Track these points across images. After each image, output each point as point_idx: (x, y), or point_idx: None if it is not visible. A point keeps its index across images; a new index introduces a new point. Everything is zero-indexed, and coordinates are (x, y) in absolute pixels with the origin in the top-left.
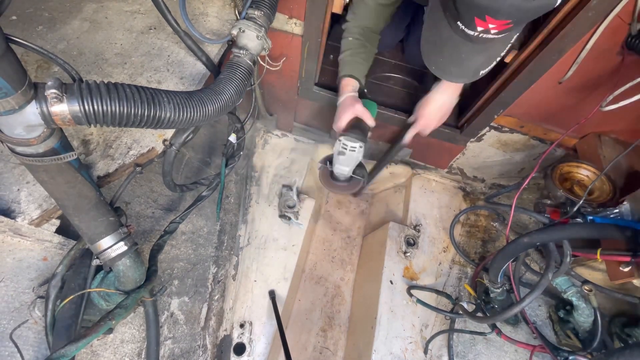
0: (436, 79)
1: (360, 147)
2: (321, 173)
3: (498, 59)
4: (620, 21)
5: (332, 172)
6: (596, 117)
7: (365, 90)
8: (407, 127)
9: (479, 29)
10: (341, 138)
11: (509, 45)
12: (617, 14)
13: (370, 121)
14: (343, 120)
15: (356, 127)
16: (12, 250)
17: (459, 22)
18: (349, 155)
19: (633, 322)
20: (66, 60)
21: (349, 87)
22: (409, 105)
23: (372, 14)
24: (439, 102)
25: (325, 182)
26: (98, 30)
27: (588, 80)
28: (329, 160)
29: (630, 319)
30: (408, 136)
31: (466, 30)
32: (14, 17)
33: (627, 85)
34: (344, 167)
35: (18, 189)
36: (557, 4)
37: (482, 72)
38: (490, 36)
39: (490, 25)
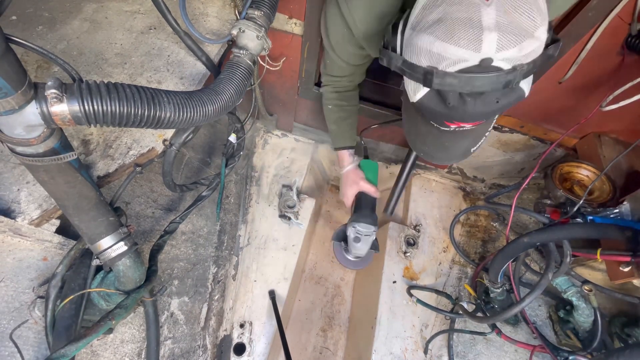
0: None
1: (374, 230)
2: (336, 251)
3: (487, 134)
4: (620, 21)
5: (346, 249)
6: (596, 117)
7: (363, 142)
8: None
9: (452, 126)
10: (355, 225)
11: (494, 121)
12: (617, 14)
13: (375, 194)
14: (349, 196)
15: (364, 204)
16: (12, 250)
17: (432, 122)
18: (365, 239)
19: (633, 322)
20: (66, 60)
21: (347, 159)
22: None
23: (346, 72)
24: None
25: (342, 260)
26: (98, 30)
27: (588, 80)
28: (343, 240)
29: (630, 319)
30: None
31: (440, 127)
32: (14, 17)
33: (627, 85)
34: (361, 251)
35: (18, 189)
36: (526, 95)
37: (473, 150)
38: (467, 129)
39: (462, 125)
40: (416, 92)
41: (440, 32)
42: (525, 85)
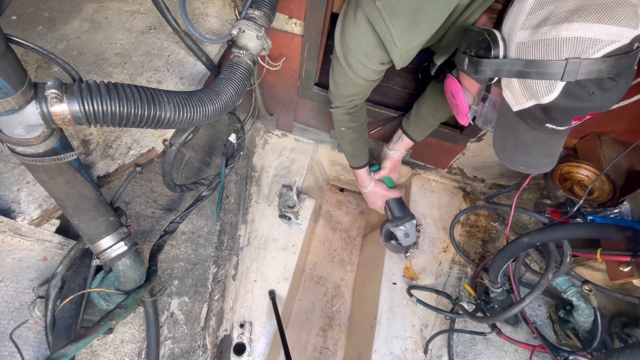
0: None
1: (415, 221)
2: (391, 249)
3: None
4: None
5: (397, 243)
6: (596, 117)
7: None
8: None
9: (574, 122)
10: (402, 227)
11: None
12: None
13: (399, 194)
14: (380, 206)
15: (398, 207)
16: (12, 250)
17: (548, 124)
18: (411, 231)
19: (633, 322)
20: (66, 60)
21: (367, 179)
22: (409, 105)
23: (361, 89)
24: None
25: (399, 251)
26: (98, 30)
27: None
28: (393, 238)
29: (630, 319)
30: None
31: (557, 127)
32: (14, 17)
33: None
34: (412, 240)
35: (18, 189)
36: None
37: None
38: (577, 122)
39: (588, 117)
40: (550, 91)
41: (594, 16)
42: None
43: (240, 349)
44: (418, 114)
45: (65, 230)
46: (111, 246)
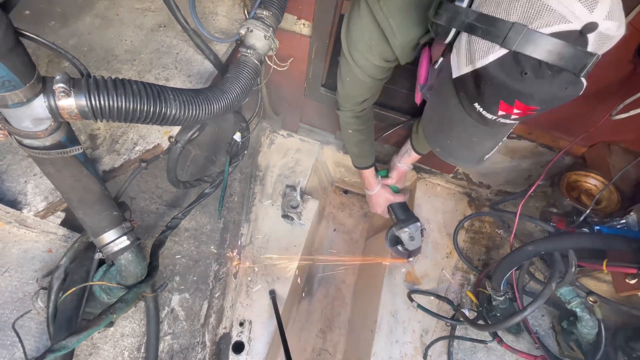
0: None
1: (419, 224)
2: (397, 254)
3: (500, 143)
4: (633, 29)
5: (403, 248)
6: (606, 126)
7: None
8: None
9: (500, 112)
10: (406, 230)
11: (513, 128)
12: (629, 22)
13: (403, 199)
14: (382, 208)
15: (402, 210)
16: (17, 241)
17: (476, 104)
18: (416, 235)
19: (638, 335)
20: (77, 55)
21: (373, 181)
22: (412, 106)
23: (367, 87)
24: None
25: (403, 256)
26: (109, 26)
27: (598, 88)
28: (399, 243)
29: (635, 332)
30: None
31: (484, 112)
32: (27, 12)
33: (638, 94)
34: (418, 244)
35: (25, 181)
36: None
37: (486, 157)
38: (508, 121)
39: (515, 110)
40: (487, 54)
41: None
42: (584, 81)
43: (239, 347)
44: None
45: (70, 222)
46: (114, 240)
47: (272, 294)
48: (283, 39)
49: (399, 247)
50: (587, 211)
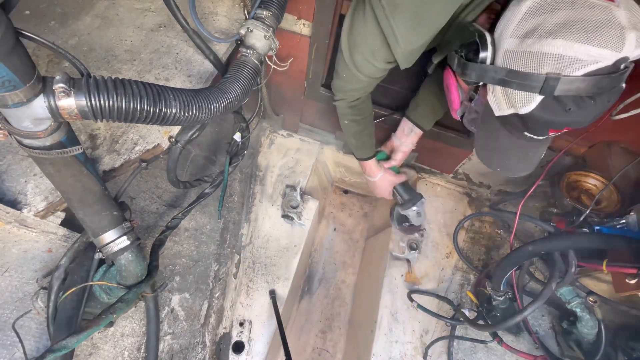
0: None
1: (424, 200)
2: (403, 230)
3: None
4: None
5: (410, 224)
6: (606, 126)
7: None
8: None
9: (552, 134)
10: (413, 208)
11: None
12: None
13: (405, 178)
14: (387, 192)
15: (406, 190)
16: (17, 241)
17: (526, 133)
18: (422, 211)
19: (638, 335)
20: (77, 55)
21: (375, 168)
22: (395, 102)
23: (364, 84)
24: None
25: (409, 232)
26: (109, 26)
27: None
28: (406, 221)
29: (635, 332)
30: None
31: (534, 137)
32: (27, 12)
33: (639, 94)
34: (423, 218)
35: (25, 181)
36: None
37: (542, 155)
38: (557, 134)
39: (565, 130)
40: (527, 103)
41: (577, 35)
42: (623, 85)
43: (239, 347)
44: (425, 99)
45: (70, 222)
46: (114, 240)
47: (272, 294)
48: (283, 39)
49: (405, 225)
50: (587, 211)
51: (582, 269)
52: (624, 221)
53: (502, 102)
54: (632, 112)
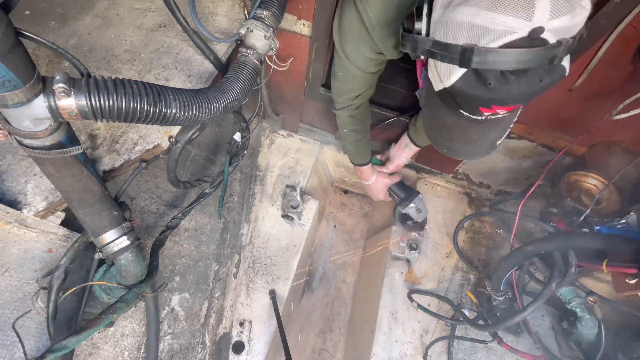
0: None
1: (421, 196)
2: (407, 229)
3: (512, 124)
4: (633, 29)
5: (413, 222)
6: (606, 126)
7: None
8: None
9: (486, 114)
10: (412, 205)
11: (520, 109)
12: (629, 22)
13: (398, 178)
14: (383, 195)
15: (401, 189)
16: (17, 241)
17: (461, 111)
18: (422, 206)
19: (638, 336)
20: (77, 55)
21: (370, 172)
22: (411, 107)
23: (360, 83)
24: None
25: (414, 229)
26: (109, 26)
27: (599, 88)
28: (409, 219)
29: (635, 332)
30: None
31: (471, 116)
32: (27, 12)
33: (639, 94)
34: (425, 214)
35: (25, 181)
36: (567, 73)
37: (499, 143)
38: (500, 116)
39: (499, 110)
40: (450, 75)
41: (485, 2)
42: (566, 62)
43: (239, 347)
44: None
45: (70, 222)
46: (114, 240)
47: (272, 294)
48: (283, 39)
49: (409, 223)
50: (587, 211)
51: (582, 269)
52: (624, 221)
53: (435, 76)
54: (632, 112)
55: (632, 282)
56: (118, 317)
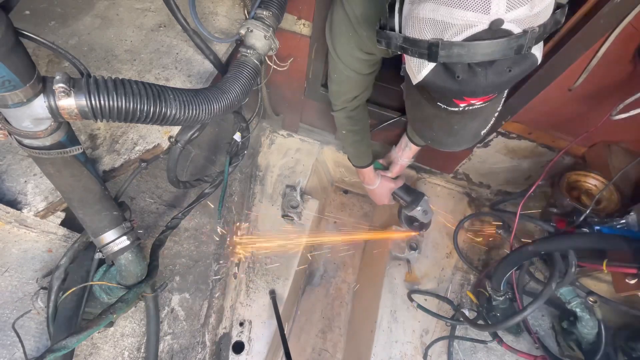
0: None
1: (427, 197)
2: (415, 229)
3: (496, 113)
4: (633, 29)
5: (419, 223)
6: (606, 126)
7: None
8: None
9: (462, 105)
10: (418, 207)
11: (503, 98)
12: (629, 22)
13: (401, 182)
14: (387, 199)
15: (407, 192)
16: (17, 241)
17: (438, 103)
18: (428, 208)
19: (637, 335)
20: (77, 55)
21: (373, 176)
22: (402, 104)
23: (354, 84)
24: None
25: (423, 228)
26: (109, 26)
27: (599, 88)
28: (415, 221)
29: (635, 332)
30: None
31: (448, 108)
32: (27, 12)
33: (639, 94)
34: (431, 215)
35: (25, 181)
36: (539, 61)
37: (483, 132)
38: (477, 107)
39: (472, 101)
40: (421, 69)
41: None
42: (537, 51)
43: (239, 347)
44: None
45: (70, 222)
46: (114, 240)
47: (272, 294)
48: (283, 39)
49: (416, 224)
50: (587, 211)
51: (582, 269)
52: (624, 221)
53: (411, 70)
54: (632, 112)
55: (632, 282)
56: (118, 317)
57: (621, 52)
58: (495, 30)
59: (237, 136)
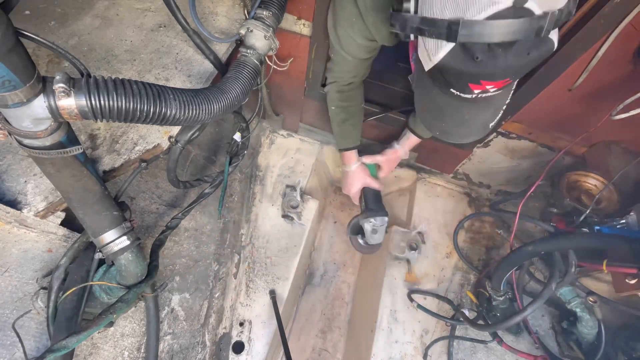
0: None
1: (387, 219)
2: (354, 243)
3: (504, 106)
4: (633, 29)
5: (363, 240)
6: (606, 126)
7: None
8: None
9: (476, 91)
10: (371, 220)
11: (513, 90)
12: (629, 22)
13: (380, 188)
14: (356, 192)
15: (373, 199)
16: (17, 241)
17: (452, 89)
18: (380, 229)
19: (638, 335)
20: (77, 55)
21: (352, 158)
22: (408, 105)
23: (351, 66)
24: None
25: (361, 249)
26: (109, 26)
27: (599, 88)
28: (360, 233)
29: (635, 332)
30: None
31: (462, 95)
32: (27, 12)
33: (639, 94)
34: (379, 239)
35: (25, 181)
36: (555, 48)
37: (492, 125)
38: (490, 94)
39: (488, 87)
40: (437, 51)
41: None
42: (554, 36)
43: (239, 347)
44: None
45: (70, 222)
46: (114, 240)
47: (272, 294)
48: (283, 39)
49: (359, 239)
50: (587, 211)
51: (582, 269)
52: (624, 221)
53: (424, 55)
54: (632, 112)
55: (632, 282)
56: (118, 317)
57: (621, 53)
58: (518, 8)
59: (237, 136)
